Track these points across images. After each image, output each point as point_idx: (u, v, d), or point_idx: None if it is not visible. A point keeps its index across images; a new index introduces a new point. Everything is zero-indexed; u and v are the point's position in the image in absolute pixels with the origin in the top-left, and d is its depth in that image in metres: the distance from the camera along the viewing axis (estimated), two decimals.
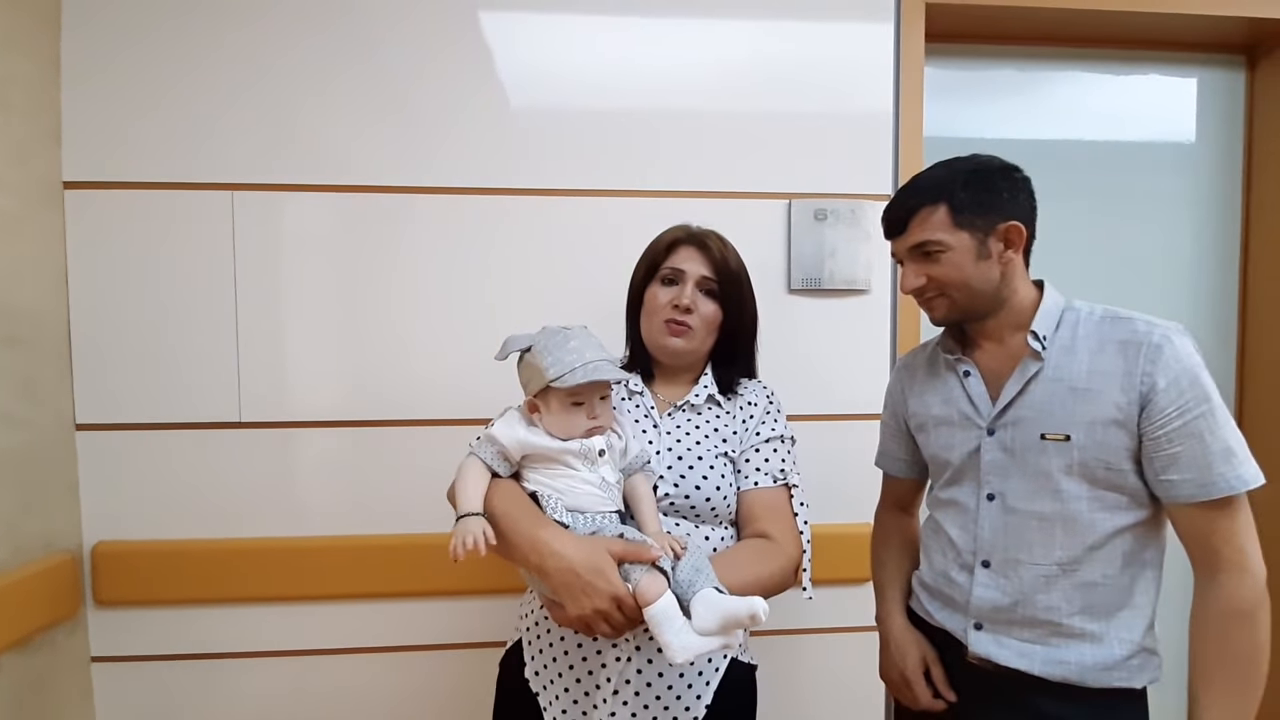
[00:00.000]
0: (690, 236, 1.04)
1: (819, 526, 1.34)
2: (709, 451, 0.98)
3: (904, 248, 0.91)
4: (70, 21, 1.23)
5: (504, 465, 0.90)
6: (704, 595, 0.79)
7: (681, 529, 0.95)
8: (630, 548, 0.82)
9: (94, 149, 1.25)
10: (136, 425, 1.28)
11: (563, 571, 0.80)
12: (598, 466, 0.90)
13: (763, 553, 0.94)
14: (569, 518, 0.86)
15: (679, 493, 0.95)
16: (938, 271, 0.88)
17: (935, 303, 0.92)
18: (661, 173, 1.34)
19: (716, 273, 1.01)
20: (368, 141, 1.30)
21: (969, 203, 0.86)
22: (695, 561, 0.84)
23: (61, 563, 1.20)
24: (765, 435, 1.02)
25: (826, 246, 1.34)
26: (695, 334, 1.01)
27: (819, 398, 1.38)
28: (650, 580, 0.80)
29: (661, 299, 1.01)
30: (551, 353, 0.87)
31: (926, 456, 1.01)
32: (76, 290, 1.26)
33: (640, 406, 1.03)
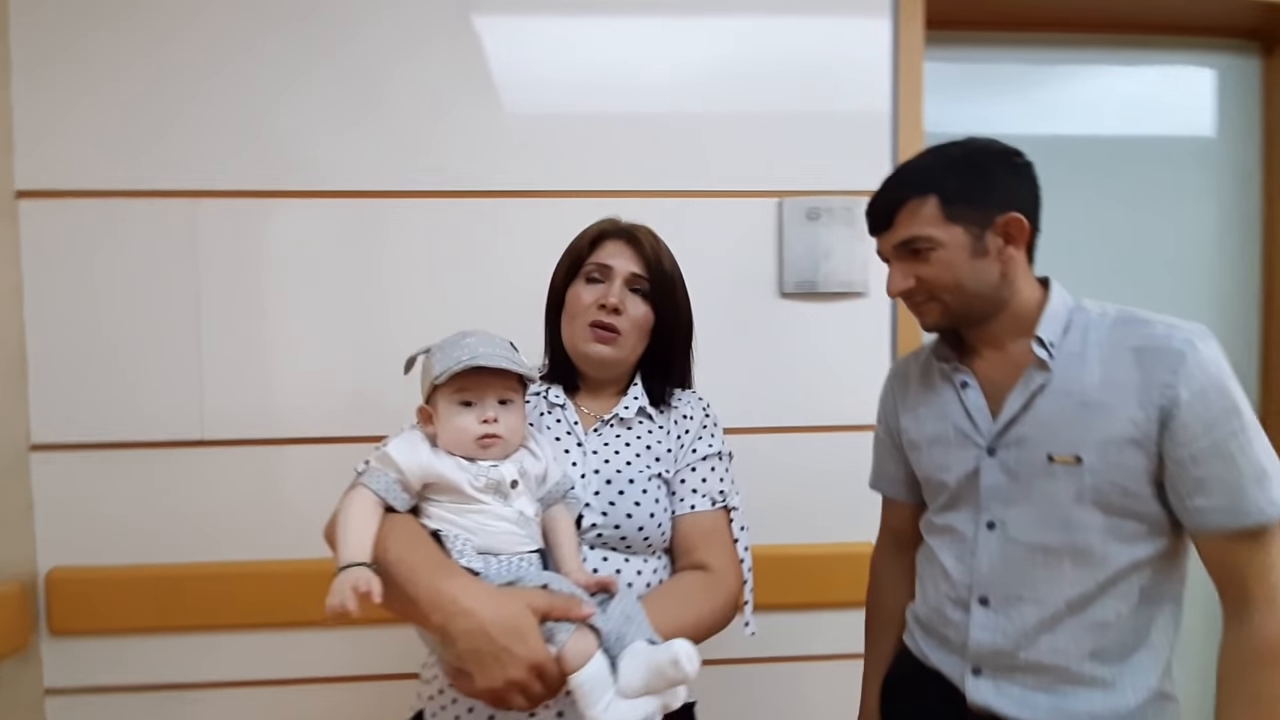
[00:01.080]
0: (618, 230, 0.94)
1: (815, 547, 1.28)
2: (641, 473, 0.87)
3: (890, 245, 0.82)
4: (19, 17, 1.17)
5: (402, 497, 0.75)
6: (632, 650, 0.68)
7: (610, 564, 0.83)
8: (557, 602, 0.69)
9: (48, 155, 1.19)
10: (95, 444, 1.22)
11: (472, 635, 0.66)
12: (511, 499, 0.76)
13: (702, 589, 0.84)
14: (480, 562, 0.72)
15: (608, 522, 0.83)
16: (928, 272, 0.79)
17: (926, 307, 0.82)
18: (643, 173, 1.27)
19: (648, 270, 0.91)
20: (345, 145, 1.23)
21: (962, 193, 0.77)
22: (625, 607, 0.72)
23: (12, 591, 1.14)
24: (703, 453, 0.92)
25: (821, 247, 1.26)
26: (624, 339, 0.90)
27: (814, 408, 1.30)
28: (579, 642, 0.67)
29: (585, 299, 0.90)
30: (443, 349, 0.76)
31: (920, 477, 0.91)
32: (31, 305, 1.20)
33: (562, 422, 0.91)
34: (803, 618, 1.31)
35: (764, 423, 1.30)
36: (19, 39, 1.17)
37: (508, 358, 0.76)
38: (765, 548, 1.28)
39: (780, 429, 1.30)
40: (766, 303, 1.29)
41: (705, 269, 1.26)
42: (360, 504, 0.74)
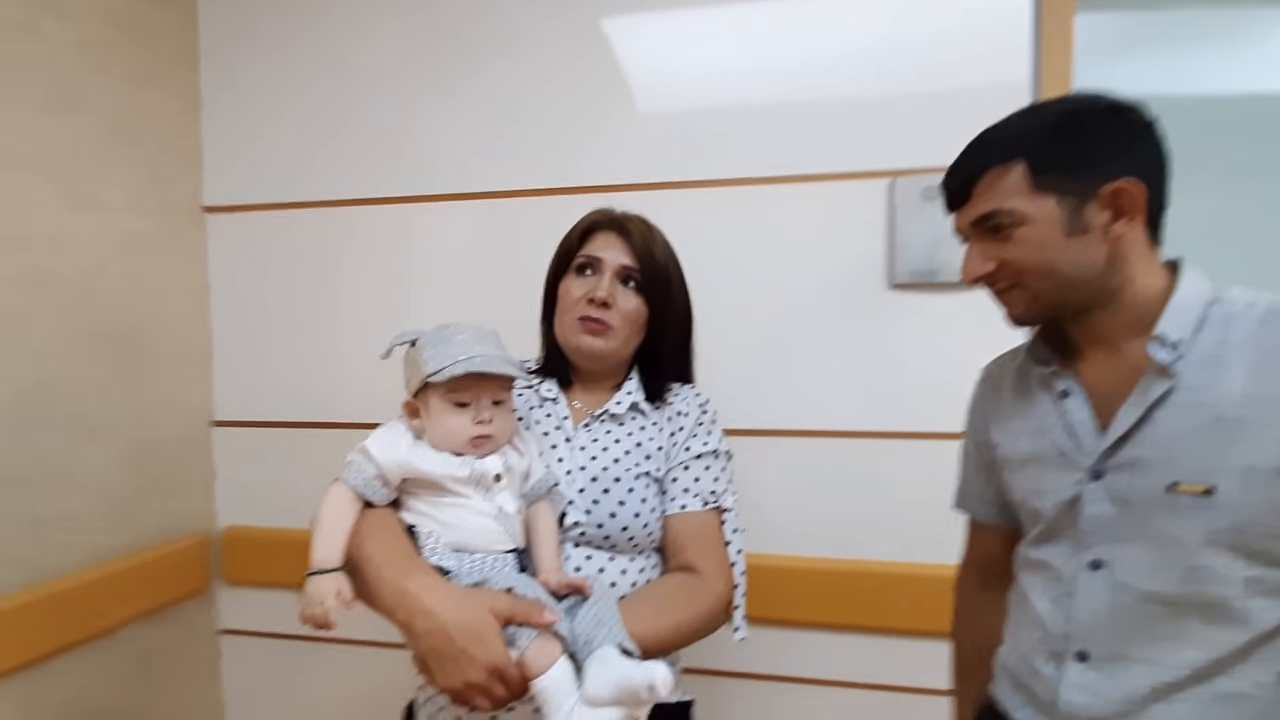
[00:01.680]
0: (609, 220, 0.91)
1: (914, 567, 1.16)
2: (628, 471, 0.84)
3: (967, 222, 0.70)
4: (207, 58, 1.39)
5: (381, 491, 0.76)
6: (600, 655, 0.66)
7: (593, 563, 0.82)
8: (519, 606, 0.68)
9: (230, 175, 1.40)
10: (267, 423, 1.42)
11: (433, 634, 0.66)
12: (494, 494, 0.75)
13: (684, 592, 0.81)
14: (452, 560, 0.72)
15: (591, 521, 0.81)
16: (1012, 253, 0.66)
17: (1010, 295, 0.69)
18: (737, 160, 1.21)
19: (639, 261, 0.88)
20: (487, 151, 1.30)
21: (1057, 158, 0.63)
22: (599, 611, 0.70)
23: (196, 544, 1.35)
24: (696, 450, 0.88)
25: (939, 231, 1.12)
26: (615, 332, 0.87)
27: (931, 413, 1.16)
28: (540, 648, 0.66)
29: (575, 292, 0.88)
30: (434, 345, 0.75)
31: (1014, 501, 0.77)
32: (216, 303, 1.42)
33: (552, 416, 0.90)
34: (892, 645, 1.19)
35: (871, 427, 1.19)
36: (207, 78, 1.39)
37: (505, 359, 0.76)
38: (860, 563, 1.19)
39: (889, 434, 1.18)
40: (874, 295, 1.17)
41: (804, 260, 1.20)
42: (336, 501, 0.75)
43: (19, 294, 1.05)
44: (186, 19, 1.36)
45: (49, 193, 1.10)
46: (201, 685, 1.39)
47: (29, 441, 1.07)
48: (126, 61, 1.23)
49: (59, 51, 1.11)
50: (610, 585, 0.81)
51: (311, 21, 1.35)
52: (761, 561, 1.20)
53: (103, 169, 1.19)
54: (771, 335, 1.21)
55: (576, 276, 0.90)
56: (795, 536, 1.21)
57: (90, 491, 1.16)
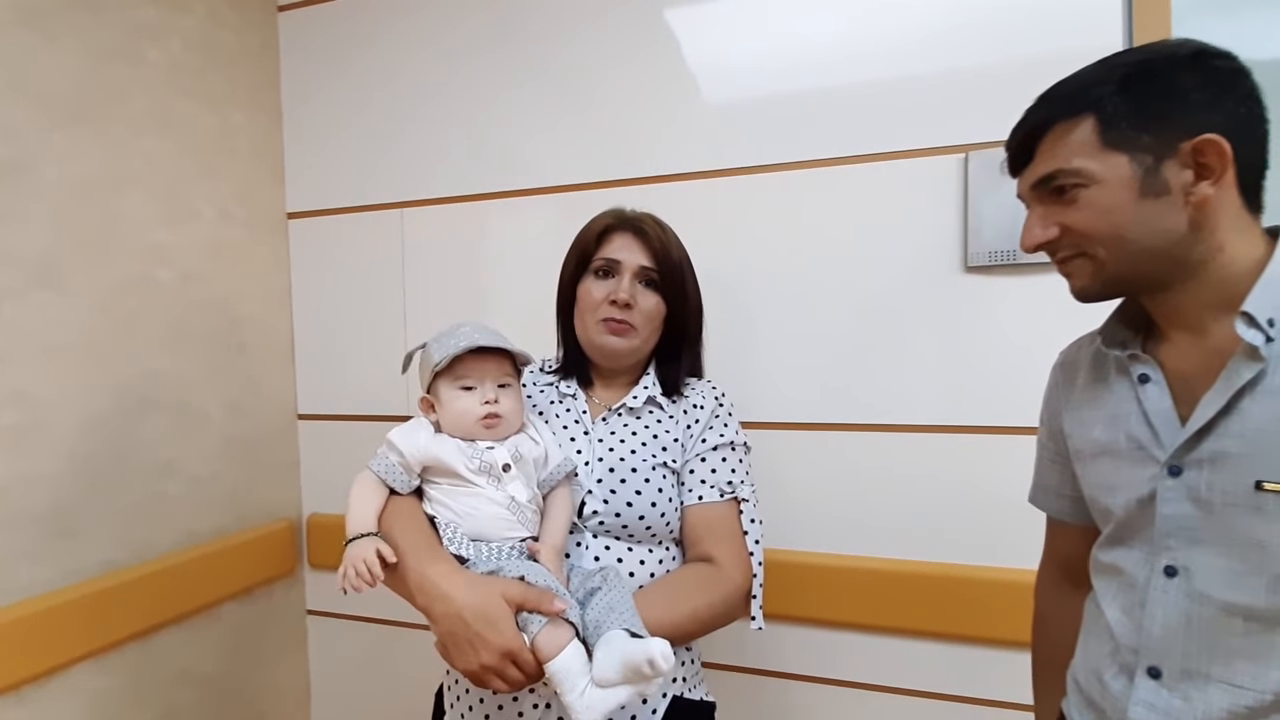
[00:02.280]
0: (623, 222, 0.93)
1: (995, 570, 1.07)
2: (645, 462, 0.86)
3: (1028, 184, 0.63)
4: (287, 76, 1.48)
5: (404, 480, 0.80)
6: (607, 639, 0.67)
7: (612, 552, 0.83)
8: (530, 594, 0.70)
9: (310, 182, 1.49)
10: (346, 416, 1.50)
11: (449, 618, 0.69)
12: (504, 483, 0.77)
13: (700, 581, 0.81)
14: (470, 549, 0.75)
15: (609, 510, 0.83)
16: (1076, 217, 0.59)
17: (1074, 265, 0.61)
18: (801, 144, 1.15)
19: (656, 261, 0.90)
20: (554, 146, 1.31)
21: (1131, 110, 0.56)
22: (611, 598, 0.72)
23: (283, 529, 1.45)
24: (713, 442, 0.89)
25: (1021, 208, 1.02)
26: (637, 332, 0.90)
27: (1010, 406, 1.06)
28: (551, 634, 0.68)
29: (596, 294, 0.90)
30: (439, 341, 0.80)
31: (1085, 496, 0.69)
32: (298, 303, 1.51)
33: (571, 411, 0.92)
34: (966, 652, 1.10)
35: (946, 421, 1.10)
36: (287, 94, 1.48)
37: (503, 340, 0.80)
38: (928, 565, 1.11)
39: (965, 429, 1.09)
40: (947, 280, 1.09)
41: (872, 244, 1.13)
42: (363, 484, 0.80)
43: (127, 298, 1.16)
44: (268, 42, 1.45)
45: (152, 207, 1.21)
46: (291, 661, 1.49)
47: (138, 431, 1.17)
48: (215, 83, 1.33)
49: (158, 76, 1.22)
50: (629, 575, 0.82)
51: (379, 34, 1.41)
52: (826, 561, 1.15)
53: (197, 183, 1.29)
54: (838, 325, 1.15)
55: (596, 279, 0.92)
56: (864, 536, 1.15)
57: (190, 478, 1.27)
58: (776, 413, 1.19)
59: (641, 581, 0.82)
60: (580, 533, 0.83)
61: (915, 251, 1.10)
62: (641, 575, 0.83)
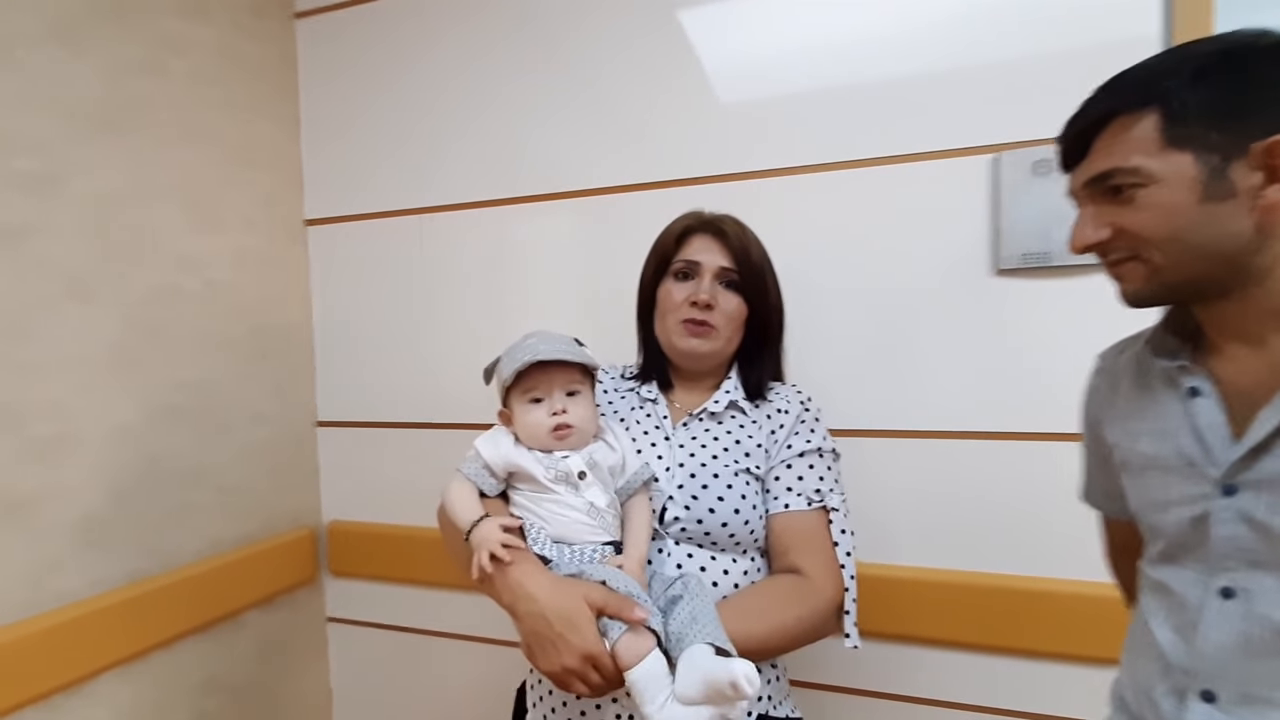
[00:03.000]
0: (703, 223, 0.92)
1: (1025, 580, 1.05)
2: (727, 468, 0.84)
3: (1081, 182, 0.60)
4: (306, 88, 1.49)
5: (490, 482, 0.81)
6: (690, 654, 0.66)
7: (695, 560, 0.81)
8: (611, 600, 0.69)
9: (329, 190, 1.49)
10: (366, 423, 1.50)
11: (533, 618, 0.69)
12: (583, 490, 0.78)
13: (788, 593, 0.79)
14: (553, 550, 0.76)
15: (691, 516, 0.81)
16: (1132, 219, 0.56)
17: (1125, 269, 0.59)
18: (825, 145, 1.14)
19: (737, 262, 0.89)
20: (571, 149, 1.30)
21: (1200, 105, 0.53)
22: (694, 608, 0.70)
23: (303, 536, 1.45)
24: (799, 449, 0.87)
25: (1053, 208, 1.00)
26: (718, 333, 0.89)
27: (1043, 412, 1.04)
28: (631, 641, 0.67)
29: (677, 296, 0.89)
30: (508, 355, 0.80)
31: (1132, 509, 0.67)
32: (318, 311, 1.52)
33: (651, 416, 0.91)
34: (1016, 666, 1.08)
35: (975, 427, 1.08)
36: (306, 102, 1.49)
37: (566, 351, 0.79)
38: (965, 574, 1.09)
39: (995, 435, 1.07)
40: (977, 283, 1.06)
41: (899, 248, 1.11)
42: (459, 487, 0.82)
43: (155, 308, 1.17)
44: (287, 51, 1.46)
45: (178, 217, 1.21)
46: (313, 669, 1.50)
47: (166, 440, 1.18)
48: (236, 93, 1.33)
49: (181, 87, 1.22)
50: (712, 585, 0.80)
51: (395, 39, 1.41)
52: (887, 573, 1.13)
53: (221, 193, 1.30)
54: (865, 328, 1.14)
55: (676, 281, 0.91)
56: (897, 544, 1.13)
57: (215, 485, 1.27)
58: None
59: (725, 591, 0.80)
60: (662, 539, 0.82)
61: (945, 254, 1.08)
62: (725, 585, 0.81)
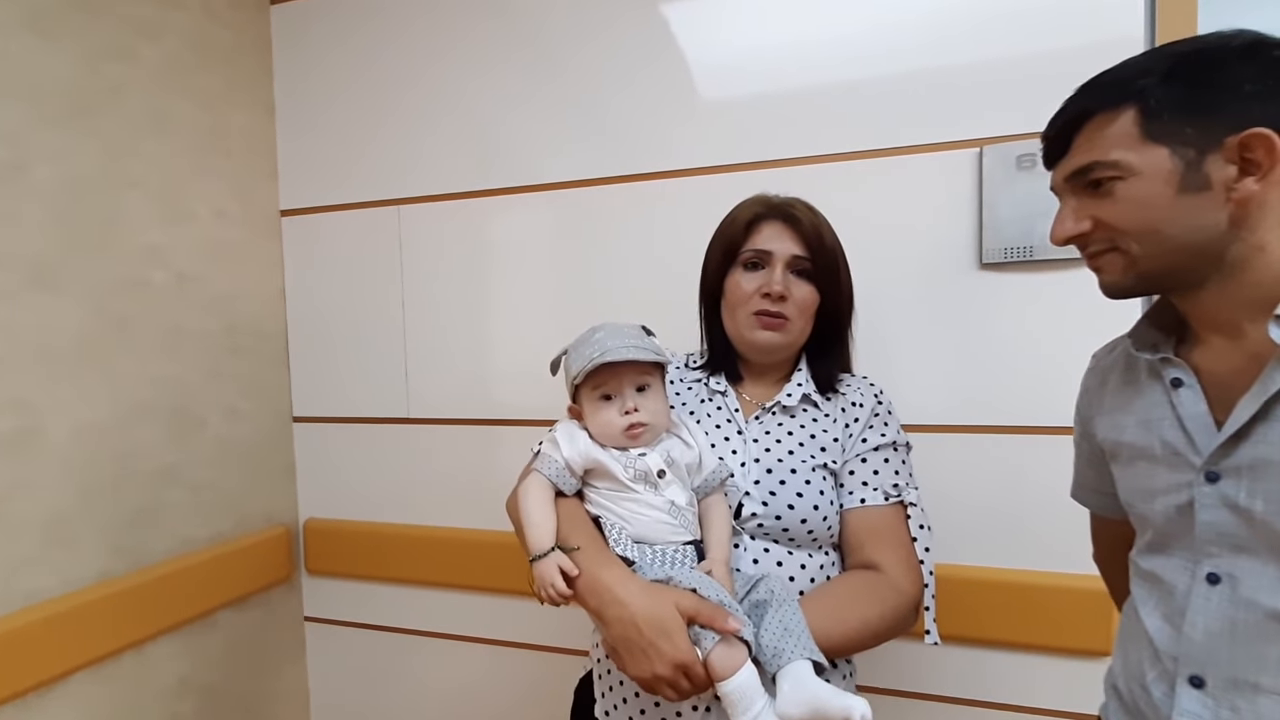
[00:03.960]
0: (773, 209, 0.87)
1: (1020, 574, 1.05)
2: (804, 463, 0.82)
3: (1062, 176, 0.61)
4: (281, 75, 1.45)
5: (570, 481, 0.80)
6: (795, 672, 0.66)
7: (771, 556, 0.80)
8: (704, 609, 0.68)
9: (304, 180, 1.45)
10: (343, 419, 1.47)
11: (624, 623, 0.68)
12: (661, 489, 0.76)
13: (869, 590, 0.78)
14: (635, 551, 0.75)
15: (769, 512, 0.80)
16: (1110, 211, 0.58)
17: (1105, 260, 0.60)
18: (807, 139, 1.13)
19: (810, 250, 0.85)
20: (546, 141, 1.28)
21: (1175, 101, 0.54)
22: (784, 618, 0.69)
23: (279, 534, 1.42)
24: (874, 443, 0.85)
25: (1037, 202, 1.00)
26: (792, 325, 0.85)
27: (1030, 405, 1.05)
28: (725, 654, 0.66)
29: (747, 287, 0.86)
30: (576, 349, 0.79)
31: (1122, 501, 0.67)
32: (293, 304, 1.48)
33: (723, 409, 0.89)
34: (997, 658, 1.08)
35: (958, 420, 1.08)
36: (280, 91, 1.45)
37: (635, 346, 0.76)
38: (954, 568, 1.08)
39: (979, 428, 1.07)
40: (962, 277, 1.06)
41: (882, 242, 1.10)
42: (537, 490, 0.79)
43: (124, 300, 1.13)
44: (261, 39, 1.42)
45: (148, 207, 1.18)
46: (290, 669, 1.47)
47: (136, 437, 1.15)
48: (209, 82, 1.30)
49: (152, 75, 1.19)
50: (789, 579, 0.79)
51: (372, 27, 1.37)
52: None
53: (193, 183, 1.26)
54: None
55: (745, 271, 0.87)
56: None
57: (188, 483, 1.24)
58: None
59: (802, 587, 0.79)
60: (738, 535, 0.81)
61: (930, 248, 1.08)
62: (801, 580, 0.80)
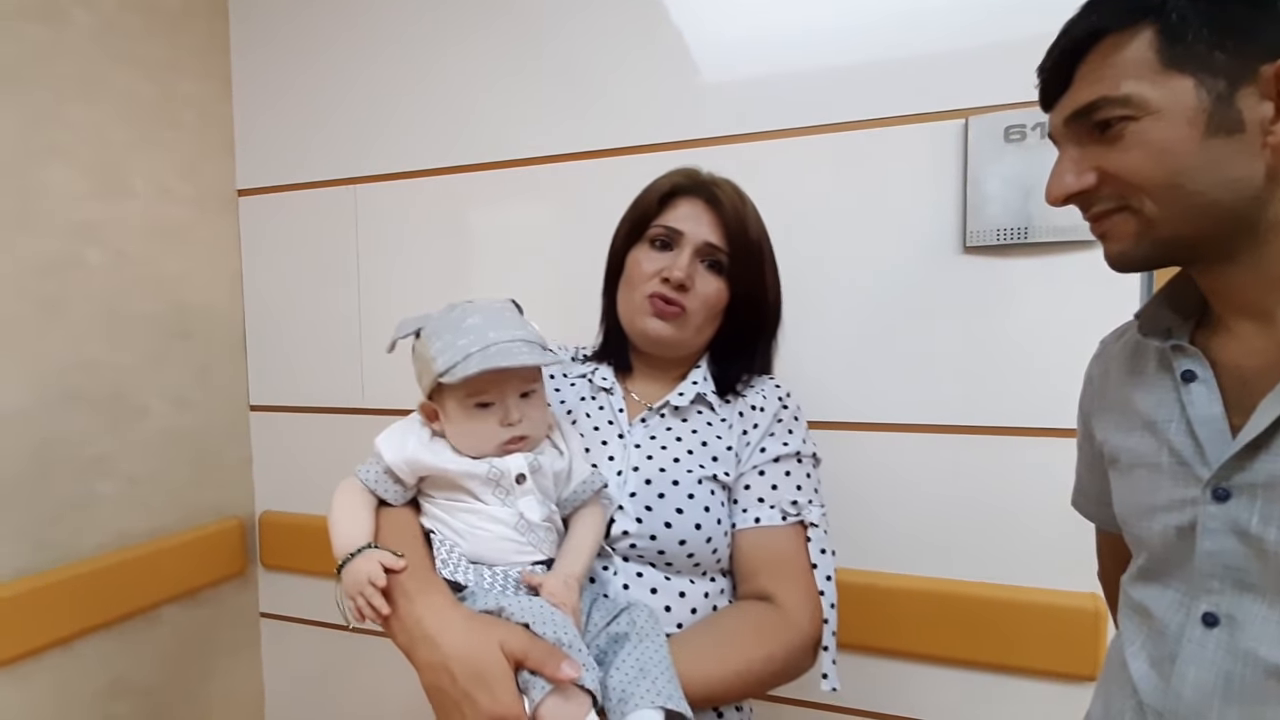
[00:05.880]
0: (696, 184, 0.76)
1: (1012, 590, 0.95)
2: (689, 473, 0.71)
3: (1062, 117, 0.50)
4: (238, 43, 1.37)
5: (394, 489, 0.67)
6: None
7: (646, 580, 0.68)
8: (535, 649, 0.55)
9: (261, 158, 1.38)
10: (303, 408, 1.40)
11: (435, 669, 0.56)
12: (515, 497, 0.63)
13: (757, 625, 0.67)
14: (470, 574, 0.62)
15: (642, 531, 0.68)
16: (1120, 160, 0.46)
17: (1113, 222, 0.48)
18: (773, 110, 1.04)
19: (728, 240, 0.74)
20: (530, 113, 1.19)
21: (1202, 19, 0.43)
22: (642, 656, 0.57)
23: (233, 527, 1.36)
24: (774, 453, 0.73)
25: (1029, 178, 0.90)
26: (688, 319, 0.74)
27: (1022, 405, 0.95)
28: (559, 707, 0.53)
29: (647, 267, 0.75)
30: (442, 335, 0.63)
31: (1117, 516, 0.57)
32: (250, 287, 1.41)
33: (605, 409, 0.78)
34: (989, 681, 0.99)
35: (943, 420, 0.99)
36: (238, 61, 1.37)
37: (525, 343, 0.62)
38: (938, 581, 1.00)
39: (963, 429, 0.98)
40: (944, 262, 0.97)
41: (856, 224, 1.01)
42: (349, 496, 0.67)
43: (51, 280, 1.07)
44: (216, 6, 1.34)
45: (78, 181, 1.11)
46: (243, 668, 1.41)
47: (64, 425, 1.08)
48: (156, 48, 1.22)
49: (86, 39, 1.12)
50: (665, 609, 0.67)
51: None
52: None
53: (132, 156, 1.19)
54: (819, 312, 1.04)
55: (650, 249, 0.76)
56: (865, 549, 1.03)
57: (124, 474, 1.17)
58: None
59: (680, 619, 0.68)
60: (608, 557, 0.69)
61: (907, 231, 0.99)
62: (680, 611, 0.68)
